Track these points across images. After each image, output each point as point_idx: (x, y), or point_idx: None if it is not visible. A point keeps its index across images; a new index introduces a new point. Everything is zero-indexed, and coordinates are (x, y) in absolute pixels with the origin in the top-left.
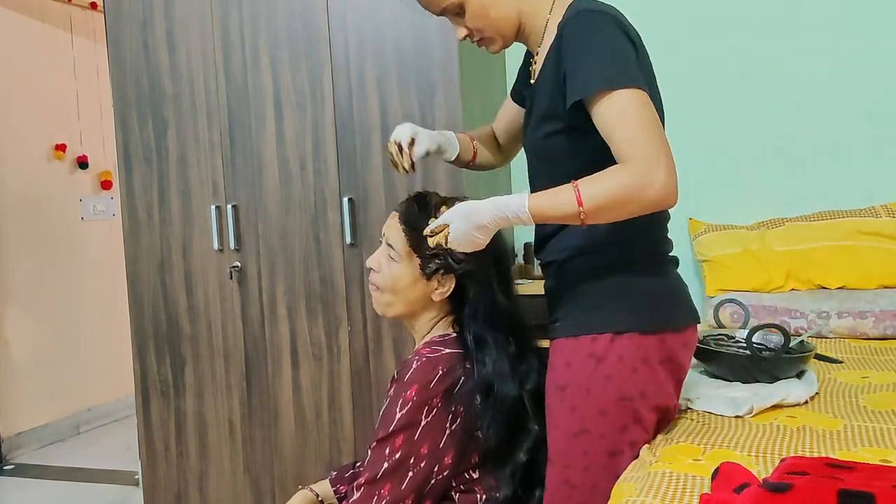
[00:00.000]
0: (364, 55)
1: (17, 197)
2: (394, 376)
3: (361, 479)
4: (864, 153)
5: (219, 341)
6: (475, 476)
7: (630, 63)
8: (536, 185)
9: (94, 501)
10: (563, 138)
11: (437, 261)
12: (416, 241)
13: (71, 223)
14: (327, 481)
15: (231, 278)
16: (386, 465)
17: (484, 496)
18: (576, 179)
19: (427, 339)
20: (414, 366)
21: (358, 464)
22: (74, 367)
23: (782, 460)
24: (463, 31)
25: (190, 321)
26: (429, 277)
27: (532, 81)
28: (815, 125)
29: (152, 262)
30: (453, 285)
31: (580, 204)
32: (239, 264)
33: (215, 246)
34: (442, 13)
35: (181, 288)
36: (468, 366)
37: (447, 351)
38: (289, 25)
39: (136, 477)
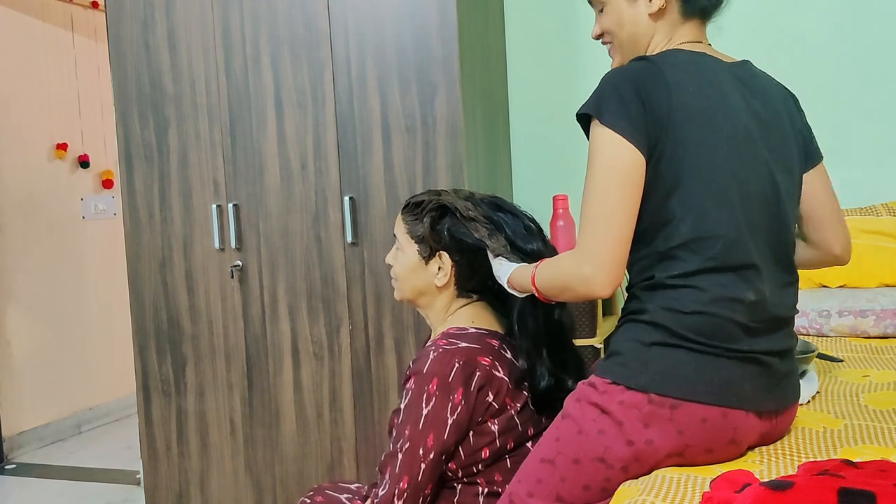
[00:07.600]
0: (365, 54)
1: (19, 196)
2: (409, 367)
3: (403, 485)
4: (865, 153)
5: (220, 340)
6: (480, 468)
7: (615, 101)
8: None
9: (96, 501)
10: None
11: (428, 243)
12: (412, 228)
13: (72, 222)
14: None
15: (232, 277)
16: (423, 465)
17: (486, 489)
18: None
19: (443, 329)
20: (431, 356)
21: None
22: (76, 367)
23: (801, 465)
24: (597, 30)
25: (191, 320)
26: (427, 261)
27: None
28: (815, 125)
29: (153, 261)
30: (449, 267)
31: (533, 283)
32: (240, 263)
33: (216, 245)
34: (591, 3)
35: (182, 287)
36: (483, 361)
37: (464, 345)
38: (290, 24)
39: (138, 476)
